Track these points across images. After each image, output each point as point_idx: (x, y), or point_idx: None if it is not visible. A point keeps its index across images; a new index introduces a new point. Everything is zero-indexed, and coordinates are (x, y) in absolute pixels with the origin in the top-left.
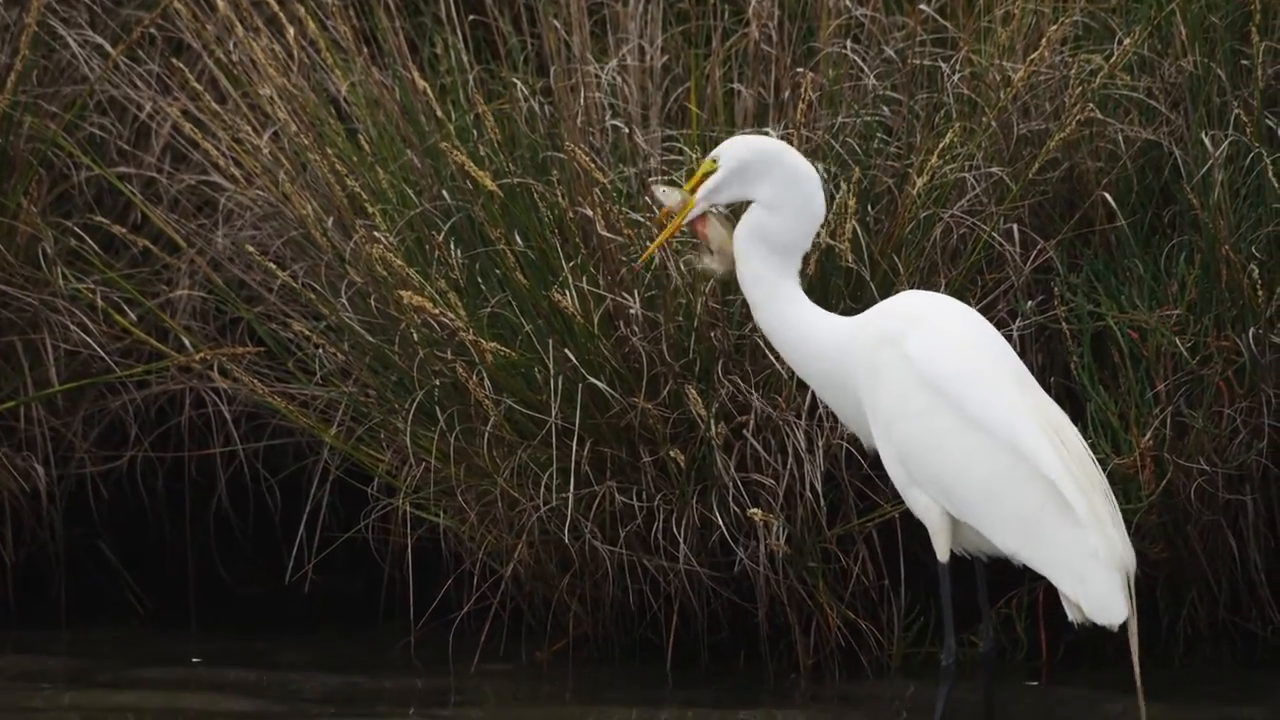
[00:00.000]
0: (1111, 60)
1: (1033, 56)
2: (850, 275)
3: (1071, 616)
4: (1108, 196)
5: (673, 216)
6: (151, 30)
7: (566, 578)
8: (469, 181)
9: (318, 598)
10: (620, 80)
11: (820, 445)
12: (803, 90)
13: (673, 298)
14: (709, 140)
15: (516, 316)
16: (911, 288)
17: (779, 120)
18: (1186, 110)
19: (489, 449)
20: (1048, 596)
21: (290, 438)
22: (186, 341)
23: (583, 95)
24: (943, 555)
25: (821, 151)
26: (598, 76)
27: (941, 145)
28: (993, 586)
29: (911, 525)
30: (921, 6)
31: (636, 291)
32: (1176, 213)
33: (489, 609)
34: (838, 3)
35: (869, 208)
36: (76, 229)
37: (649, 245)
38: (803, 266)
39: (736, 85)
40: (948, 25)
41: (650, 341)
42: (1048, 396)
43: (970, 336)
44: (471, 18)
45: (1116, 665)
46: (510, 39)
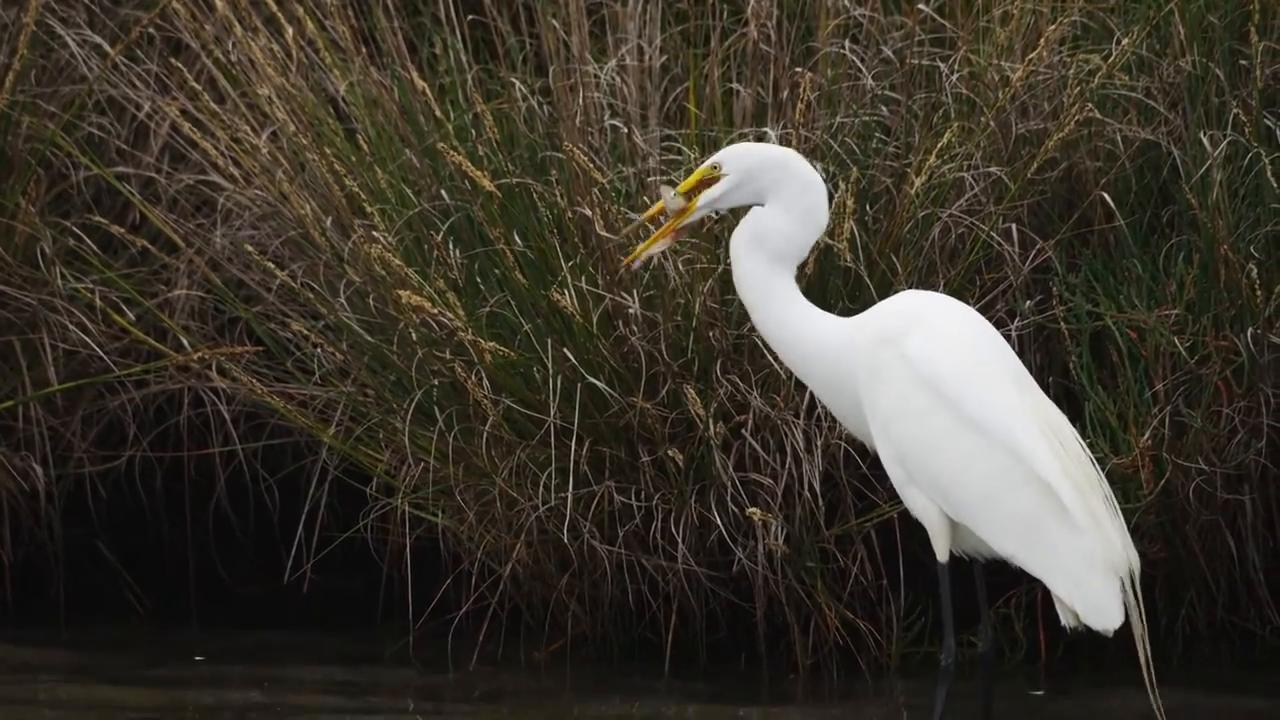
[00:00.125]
0: (1110, 60)
1: (1031, 56)
2: (849, 275)
3: (1065, 621)
4: (1106, 196)
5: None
6: (150, 30)
7: (565, 577)
8: (468, 181)
9: (316, 597)
10: (619, 80)
11: (819, 445)
12: (801, 90)
13: (671, 297)
14: (707, 140)
15: (515, 316)
16: (910, 287)
17: (777, 120)
18: (1185, 110)
19: (487, 449)
20: (1046, 597)
21: (289, 437)
22: (185, 341)
23: (581, 95)
24: (942, 556)
25: (820, 151)
26: (596, 76)
27: (940, 145)
28: (992, 587)
29: (910, 525)
30: (920, 6)
31: (635, 291)
32: (1175, 212)
33: (487, 609)
34: (836, 2)
35: (867, 207)
36: (75, 229)
37: (647, 245)
38: (802, 266)
39: (735, 85)
40: (946, 25)
41: (649, 341)
42: (1046, 396)
43: (969, 336)
44: (470, 17)
45: (1116, 665)
46: (509, 39)
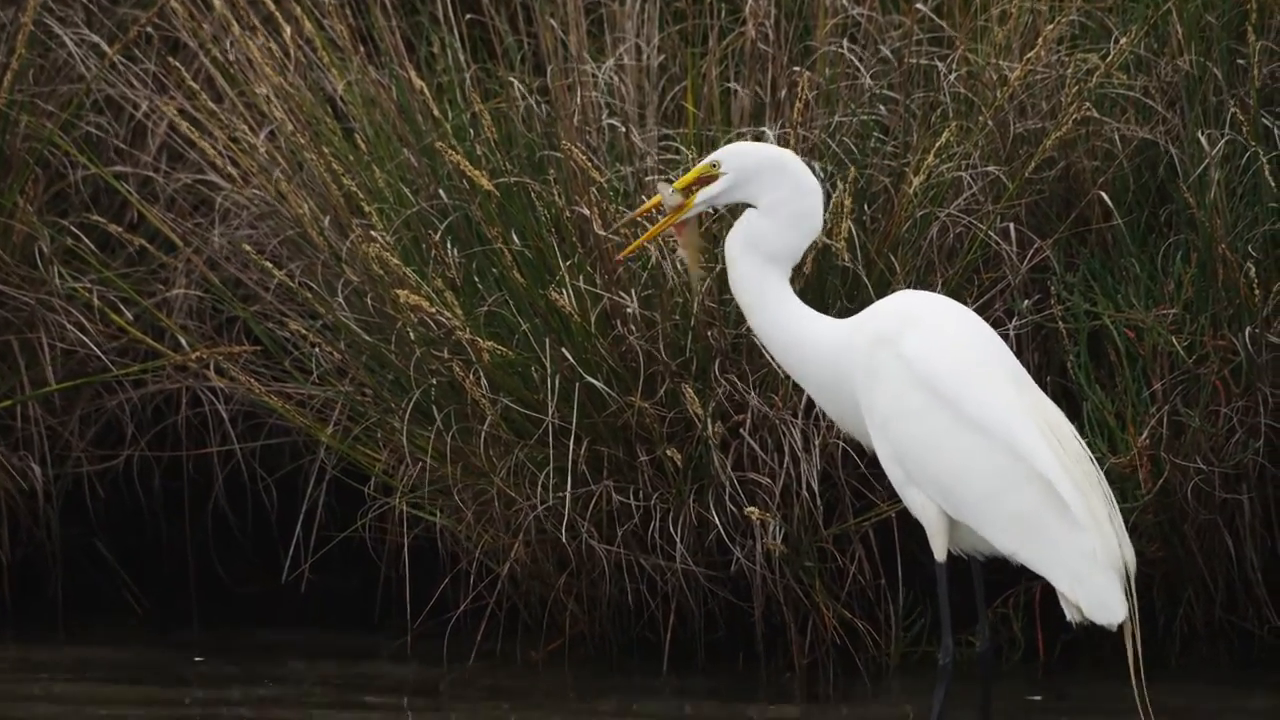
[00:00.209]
0: (1108, 59)
1: (1029, 55)
2: (846, 275)
3: (1070, 616)
4: (1104, 195)
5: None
6: (148, 29)
7: (563, 577)
8: (466, 180)
9: (314, 596)
10: (617, 79)
11: (817, 444)
12: (799, 89)
13: (669, 297)
14: (705, 139)
15: (513, 315)
16: (908, 287)
17: (775, 119)
18: (1183, 109)
19: (486, 448)
20: (1044, 596)
21: (287, 437)
22: (183, 340)
23: (579, 94)
24: (940, 555)
25: (818, 150)
26: (594, 76)
27: (938, 144)
28: (990, 586)
29: (908, 524)
30: (918, 5)
31: (633, 290)
32: (1173, 212)
33: (485, 608)
34: (834, 2)
35: (865, 207)
36: (73, 228)
37: (643, 241)
38: (799, 266)
39: (733, 84)
40: (944, 24)
41: (647, 340)
42: (1044, 395)
43: (966, 336)
44: (468, 17)
45: (1115, 665)
46: (507, 38)
